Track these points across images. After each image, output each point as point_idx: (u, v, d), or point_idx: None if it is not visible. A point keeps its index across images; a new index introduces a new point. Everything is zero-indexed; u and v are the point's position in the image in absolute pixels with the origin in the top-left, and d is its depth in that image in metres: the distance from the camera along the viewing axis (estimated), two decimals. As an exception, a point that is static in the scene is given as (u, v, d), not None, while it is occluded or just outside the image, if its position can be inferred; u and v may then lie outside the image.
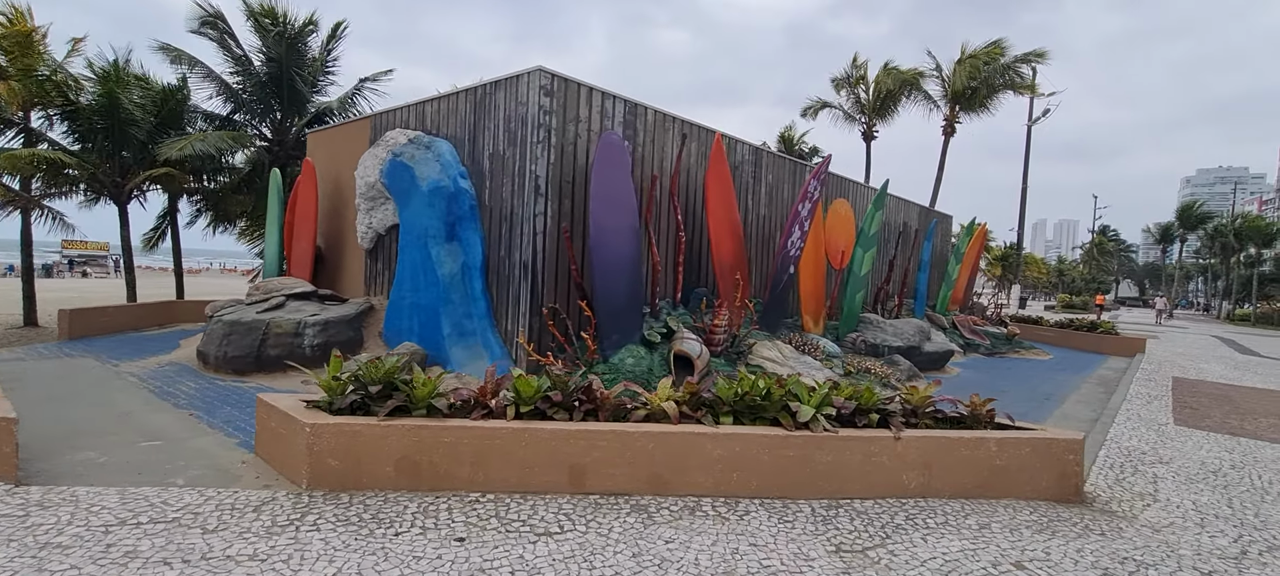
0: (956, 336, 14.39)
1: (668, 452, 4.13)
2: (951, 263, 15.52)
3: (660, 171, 8.47)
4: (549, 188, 7.15)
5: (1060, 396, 9.48)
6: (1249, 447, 6.60)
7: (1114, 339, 16.18)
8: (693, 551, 3.40)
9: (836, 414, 4.47)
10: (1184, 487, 5.06)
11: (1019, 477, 4.48)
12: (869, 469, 4.32)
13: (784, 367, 8.12)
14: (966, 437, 4.42)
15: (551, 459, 4.03)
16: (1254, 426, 7.68)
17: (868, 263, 10.92)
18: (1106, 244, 78.05)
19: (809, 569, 3.30)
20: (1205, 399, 9.52)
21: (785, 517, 3.93)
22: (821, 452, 4.26)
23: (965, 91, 22.83)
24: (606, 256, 7.00)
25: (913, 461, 4.36)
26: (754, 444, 4.20)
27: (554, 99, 7.13)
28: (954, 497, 4.41)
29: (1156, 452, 6.12)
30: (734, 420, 4.41)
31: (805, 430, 4.30)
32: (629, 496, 4.08)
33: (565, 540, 3.43)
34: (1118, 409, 8.27)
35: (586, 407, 4.30)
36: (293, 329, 7.50)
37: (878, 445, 4.32)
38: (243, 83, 14.68)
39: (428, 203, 7.64)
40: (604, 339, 7.06)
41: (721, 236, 8.74)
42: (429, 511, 3.65)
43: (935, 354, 11.11)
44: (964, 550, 3.61)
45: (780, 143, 31.62)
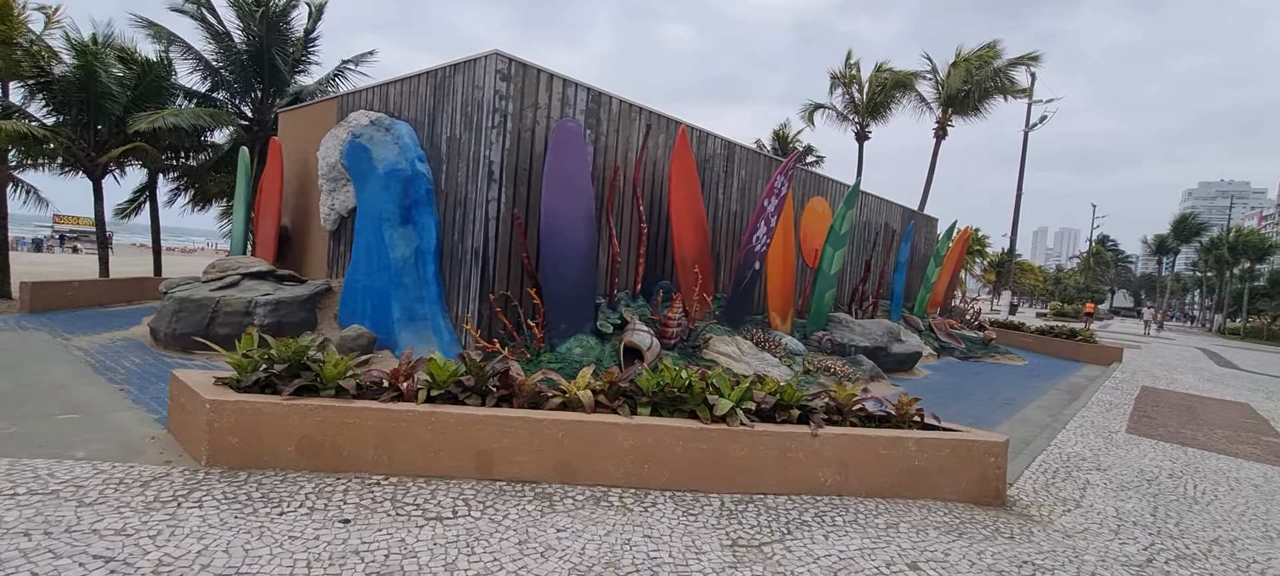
0: (932, 339, 14.35)
1: (578, 441, 4.09)
2: (931, 265, 15.46)
3: (625, 162, 8.41)
4: (504, 174, 7.09)
5: (1022, 401, 9.45)
6: (1194, 457, 6.57)
7: (1092, 347, 16.14)
8: (582, 541, 3.36)
9: (756, 409, 4.43)
10: (1112, 495, 5.02)
11: (938, 479, 4.44)
12: (785, 465, 4.28)
13: (740, 364, 8.08)
14: (885, 437, 4.38)
15: (459, 444, 3.99)
16: (1206, 437, 7.65)
17: (838, 261, 10.86)
18: (1104, 254, 78.01)
19: (697, 562, 3.26)
20: (1167, 408, 9.49)
21: (691, 511, 3.89)
22: (736, 447, 4.22)
23: (958, 94, 22.73)
24: (558, 245, 6.95)
25: (829, 459, 4.32)
26: (667, 435, 4.16)
27: (511, 84, 7.06)
28: (871, 496, 4.38)
29: (1097, 459, 6.09)
30: (653, 411, 4.37)
31: (722, 424, 4.25)
32: (536, 484, 4.04)
33: (455, 525, 3.39)
34: (1073, 415, 8.24)
35: (500, 394, 4.26)
36: (242, 308, 7.45)
37: (794, 441, 4.28)
38: (222, 60, 14.59)
39: (383, 185, 7.59)
40: (552, 328, 7.02)
41: (684, 229, 8.68)
42: (324, 492, 3.61)
43: (903, 355, 11.06)
44: (862, 549, 3.58)
45: (775, 140, 31.52)
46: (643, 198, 8.56)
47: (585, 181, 7.30)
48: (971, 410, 8.44)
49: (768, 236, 9.42)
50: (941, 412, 8.09)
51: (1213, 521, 4.66)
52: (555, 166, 6.97)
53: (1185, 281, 79.48)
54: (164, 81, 13.85)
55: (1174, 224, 52.34)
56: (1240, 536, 4.40)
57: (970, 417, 7.86)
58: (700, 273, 8.48)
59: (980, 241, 52.62)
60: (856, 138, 26.50)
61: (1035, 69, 26.69)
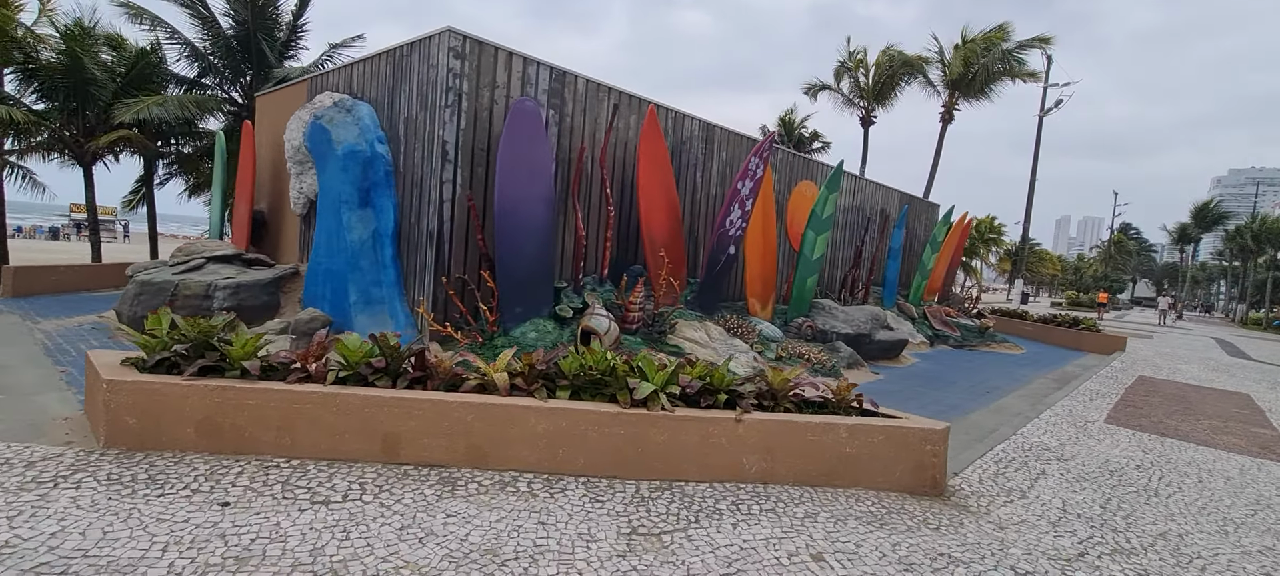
0: (925, 327, 14.04)
1: (489, 425, 3.96)
2: (928, 252, 15.10)
3: (593, 143, 8.24)
4: (459, 154, 6.96)
5: (1005, 389, 9.17)
6: (1171, 448, 6.29)
7: (1094, 336, 15.70)
8: (470, 527, 3.24)
9: (681, 393, 4.27)
10: (1066, 486, 4.80)
11: (871, 467, 4.26)
12: (707, 451, 4.12)
13: (706, 349, 7.91)
14: (814, 423, 4.19)
15: (364, 426, 3.88)
16: (1190, 427, 7.34)
17: (821, 247, 10.61)
18: (1126, 242, 76.27)
19: (584, 550, 3.12)
20: (1158, 398, 9.16)
21: (601, 497, 3.75)
22: (656, 432, 4.07)
23: (964, 77, 22.16)
24: (512, 227, 6.81)
25: (754, 445, 4.15)
26: (582, 420, 4.02)
27: (466, 62, 6.91)
28: (799, 485, 4.20)
29: (1062, 449, 5.85)
30: (573, 395, 4.23)
31: (641, 408, 4.10)
32: (445, 468, 3.92)
33: (340, 509, 3.28)
34: (1053, 404, 7.97)
35: (414, 376, 4.14)
36: (202, 291, 7.42)
37: (717, 426, 4.11)
38: (211, 46, 14.61)
39: (342, 167, 7.49)
40: (506, 311, 6.89)
41: (654, 212, 8.50)
42: (216, 474, 3.52)
43: (888, 343, 10.81)
44: (769, 539, 3.41)
45: (780, 126, 31.08)
46: (609, 179, 8.39)
47: (544, 162, 7.14)
48: (948, 398, 8.20)
49: (743, 220, 9.20)
50: (917, 400, 7.94)
51: (1167, 514, 4.42)
52: (510, 147, 6.81)
53: (1211, 271, 77.47)
54: (154, 68, 13.89)
55: (1194, 212, 50.89)
56: (1192, 530, 4.17)
57: (944, 405, 7.63)
58: (666, 256, 8.30)
59: (996, 230, 51.63)
60: (861, 122, 26.04)
61: (1050, 51, 26.01)
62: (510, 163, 6.80)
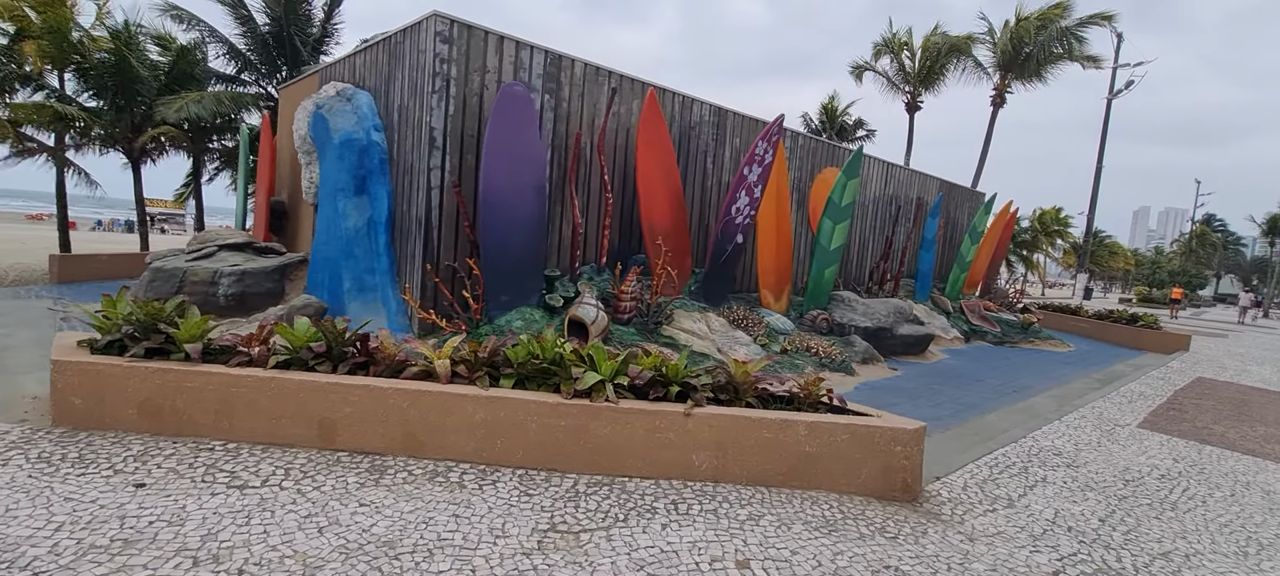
0: (961, 321, 13.29)
1: (425, 413, 3.85)
2: (966, 243, 14.27)
3: (591, 128, 8.06)
4: (448, 141, 6.90)
5: (1037, 389, 8.53)
6: (1208, 457, 5.66)
7: (1153, 334, 14.54)
8: (379, 517, 3.12)
9: (629, 384, 4.05)
10: (1066, 495, 4.34)
11: (834, 468, 3.93)
12: (653, 446, 3.89)
13: (703, 342, 7.63)
14: (769, 419, 3.90)
15: (300, 411, 3.83)
16: (1239, 435, 6.62)
17: (840, 236, 10.12)
18: (1210, 235, 70.87)
19: (490, 546, 2.96)
20: (1211, 402, 8.33)
21: (532, 491, 3.58)
22: (598, 424, 3.87)
23: (1016, 58, 20.87)
24: (498, 214, 6.70)
25: (705, 441, 3.90)
26: (521, 410, 3.85)
27: (454, 47, 6.83)
28: (754, 484, 3.93)
29: (1076, 455, 5.33)
30: (518, 384, 4.07)
31: (584, 399, 3.90)
32: (378, 455, 3.83)
33: (253, 494, 3.22)
34: (1084, 406, 7.34)
35: (357, 361, 4.06)
36: (208, 277, 7.64)
37: (664, 420, 3.88)
38: (248, 42, 15.13)
39: (339, 155, 7.56)
40: (492, 299, 6.80)
41: (654, 200, 8.26)
42: (147, 455, 3.53)
43: (912, 338, 10.24)
44: (696, 542, 3.17)
45: (823, 114, 30.15)
46: (608, 166, 8.19)
47: (533, 148, 7.00)
48: (968, 396, 7.67)
49: (751, 208, 8.85)
50: (932, 398, 7.45)
51: (1179, 531, 3.93)
52: (497, 133, 6.70)
53: (1308, 265, 71.24)
54: (195, 66, 14.49)
55: (1289, 200, 46.70)
56: (1204, 550, 3.68)
57: (961, 404, 7.15)
58: (664, 245, 8.04)
59: (1062, 221, 48.86)
60: (907, 108, 24.94)
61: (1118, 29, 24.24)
62: (497, 149, 6.69)
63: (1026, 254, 49.29)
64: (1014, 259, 48.61)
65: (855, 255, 12.96)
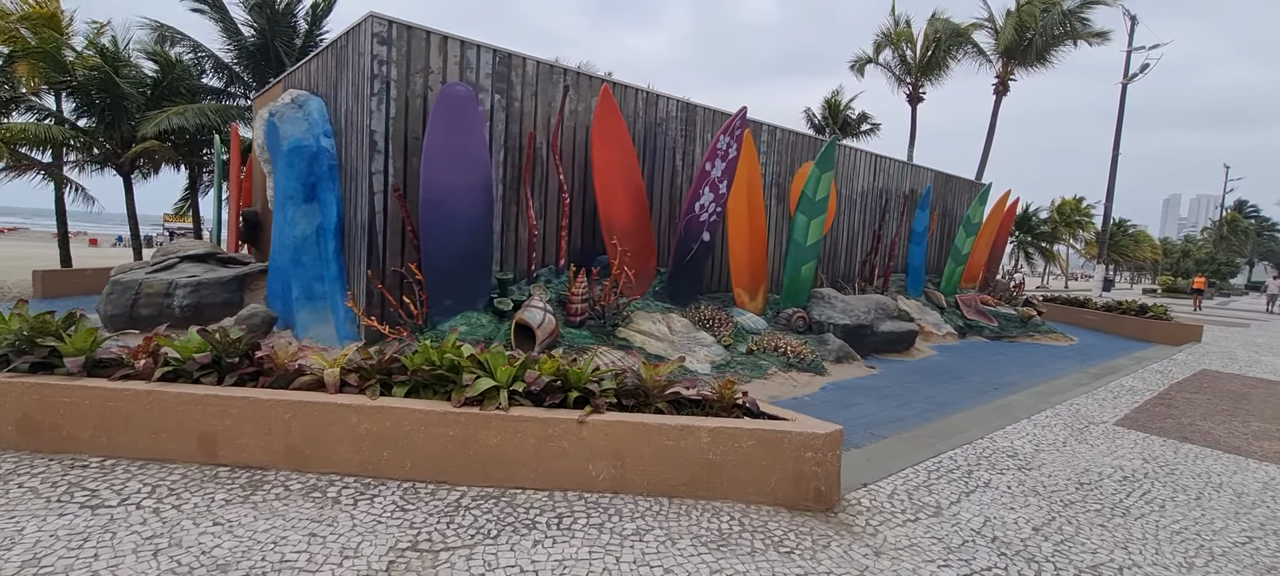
0: (955, 317, 12.86)
1: (309, 424, 3.68)
2: (961, 235, 13.81)
3: (547, 128, 7.88)
4: (390, 144, 6.76)
5: (1021, 386, 8.15)
6: (1185, 456, 5.28)
7: (1163, 325, 13.95)
8: (228, 538, 2.95)
9: (525, 390, 3.84)
10: (1004, 501, 4.03)
11: (740, 476, 3.68)
12: (547, 455, 3.67)
13: (661, 343, 7.39)
14: (669, 425, 3.66)
15: (180, 425, 3.68)
16: (1226, 430, 6.20)
17: (815, 232, 9.81)
18: (1241, 221, 68.53)
19: (335, 568, 2.77)
20: (1205, 396, 7.87)
21: (410, 505, 3.39)
22: (488, 433, 3.66)
23: (1018, 43, 20.26)
24: (439, 217, 6.55)
25: (602, 450, 3.67)
26: (408, 420, 3.67)
27: (393, 48, 6.70)
28: (656, 495, 3.69)
29: (1034, 457, 4.99)
30: (412, 392, 3.89)
31: (474, 407, 3.71)
32: (260, 470, 3.67)
33: (104, 514, 3.08)
34: (1063, 402, 6.96)
35: (244, 371, 3.91)
36: (163, 289, 7.60)
37: (558, 428, 3.66)
38: (235, 56, 15.25)
39: (288, 162, 7.47)
40: (434, 305, 6.64)
41: (613, 199, 8.05)
42: (16, 475, 3.41)
43: (895, 334, 9.88)
44: (564, 560, 2.94)
45: (825, 109, 29.70)
46: (566, 165, 8.01)
47: (477, 149, 6.84)
48: (943, 394, 7.33)
49: (717, 204, 8.60)
50: (903, 397, 7.13)
51: (1123, 540, 3.61)
52: (437, 134, 6.54)
53: (1347, 250, 68.44)
54: (181, 81, 14.64)
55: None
56: (1144, 562, 3.36)
57: (934, 403, 6.84)
58: (622, 245, 7.82)
59: (1083, 212, 47.59)
60: (909, 100, 24.41)
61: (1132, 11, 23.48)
62: (437, 150, 6.53)
63: (1046, 246, 48.13)
64: (1032, 251, 47.52)
65: (843, 251, 12.61)
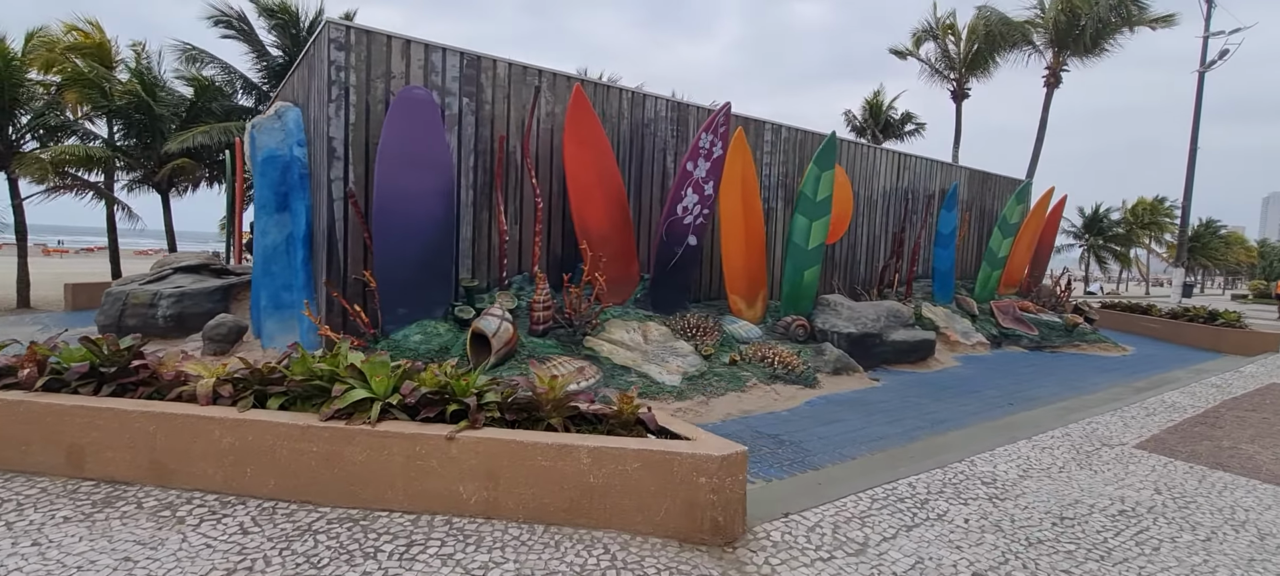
0: (989, 325, 11.85)
1: (173, 438, 3.48)
2: (996, 237, 12.76)
3: (520, 131, 7.64)
4: (350, 151, 6.66)
5: (1045, 401, 7.33)
6: (1212, 485, 4.48)
7: (1236, 333, 12.49)
8: (36, 561, 2.75)
9: (401, 403, 3.53)
10: (950, 539, 3.43)
11: (624, 503, 3.24)
12: (416, 474, 3.34)
13: (633, 353, 6.98)
14: (546, 444, 3.26)
15: (48, 437, 3.55)
16: (1273, 455, 5.27)
17: (817, 234, 9.16)
18: (1353, 219, 61.97)
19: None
20: (1270, 415, 6.83)
21: (257, 528, 3.12)
22: (354, 449, 3.37)
23: (1070, 30, 18.82)
24: (394, 223, 6.38)
25: (473, 470, 3.31)
26: (271, 434, 3.42)
27: (351, 54, 6.61)
28: (530, 521, 3.30)
29: (1014, 484, 4.32)
30: (289, 405, 3.65)
31: (341, 421, 3.42)
32: (124, 484, 3.49)
33: (-70, 531, 2.94)
34: (1077, 422, 6.14)
35: (124, 381, 3.76)
36: (148, 300, 7.75)
37: (426, 445, 3.33)
38: (263, 75, 15.82)
39: (262, 172, 7.50)
40: (388, 313, 6.45)
41: (588, 202, 7.71)
42: (-125, 485, 3.34)
43: (907, 344, 9.11)
44: (378, 597, 2.60)
45: (866, 110, 28.59)
46: (542, 169, 7.74)
47: (437, 154, 6.65)
48: (946, 411, 6.63)
49: (703, 206, 8.14)
50: (896, 414, 6.46)
51: (1084, 591, 2.97)
52: (393, 138, 6.39)
53: None
54: (212, 100, 15.27)
55: None
56: (1100, 621, 2.73)
57: (932, 420, 6.23)
58: (599, 251, 7.46)
59: (1165, 213, 44.13)
60: (953, 97, 23.12)
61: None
62: (393, 155, 6.38)
63: (1121, 250, 44.81)
64: (1105, 255, 44.32)
65: (863, 256, 11.85)
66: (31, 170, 13.32)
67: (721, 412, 6.15)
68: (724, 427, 5.67)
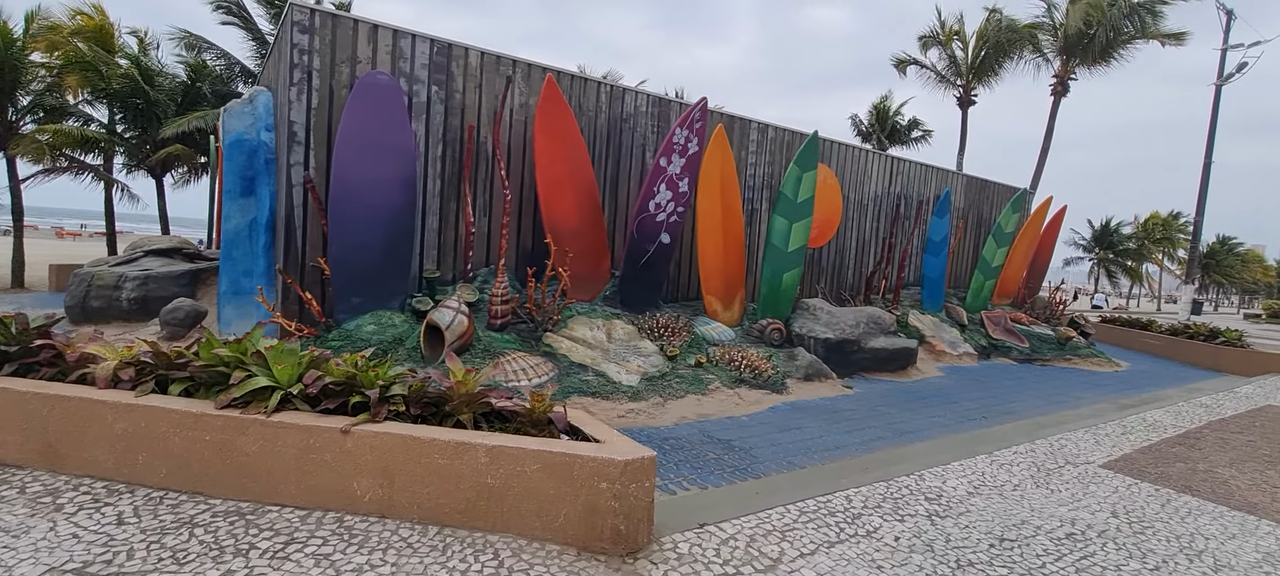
0: (979, 335, 11.57)
1: (65, 422, 3.35)
2: (990, 245, 12.46)
3: (492, 122, 7.50)
4: (311, 136, 6.54)
5: (1022, 415, 7.08)
6: (1176, 510, 4.24)
7: (1236, 353, 12.12)
8: (-113, 543, 2.63)
9: (302, 393, 3.38)
10: (869, 558, 3.23)
11: (523, 506, 3.07)
12: (308, 469, 3.19)
13: (595, 352, 6.81)
14: (443, 442, 3.10)
15: (-58, 417, 3.44)
16: (1249, 481, 5.02)
17: (798, 236, 8.94)
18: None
19: (-41, 589, 2.38)
20: (1257, 437, 6.54)
21: (135, 519, 2.98)
22: (247, 441, 3.22)
23: (1081, 38, 18.42)
24: (350, 211, 6.25)
25: (368, 466, 3.16)
26: (164, 421, 3.28)
27: (316, 37, 6.49)
28: (427, 521, 3.14)
29: (960, 502, 4.10)
30: (194, 390, 3.51)
31: (235, 410, 3.28)
32: (14, 468, 3.37)
33: None
34: (1051, 437, 5.89)
35: (27, 361, 3.64)
36: (113, 282, 7.68)
37: (320, 438, 3.18)
38: (261, 62, 15.79)
39: (229, 157, 7.40)
40: (341, 301, 6.33)
41: (557, 196, 7.55)
42: None
43: (887, 352, 8.87)
44: (231, 598, 2.45)
45: (872, 115, 28.25)
46: (513, 162, 7.59)
47: (399, 141, 6.51)
48: (917, 422, 6.40)
49: (677, 204, 7.96)
50: (859, 423, 6.24)
51: (1002, 620, 2.76)
52: (353, 125, 6.26)
53: None
54: (208, 85, 15.28)
55: None
56: (1011, 654, 2.52)
57: (899, 430, 6.01)
58: (567, 245, 7.29)
59: (1179, 227, 43.31)
60: (959, 103, 22.75)
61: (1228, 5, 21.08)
62: (352, 141, 6.25)
63: (1132, 265, 44.07)
64: (1115, 270, 43.59)
65: (851, 261, 11.61)
66: (29, 151, 13.38)
67: (676, 415, 5.96)
68: (675, 431, 5.50)
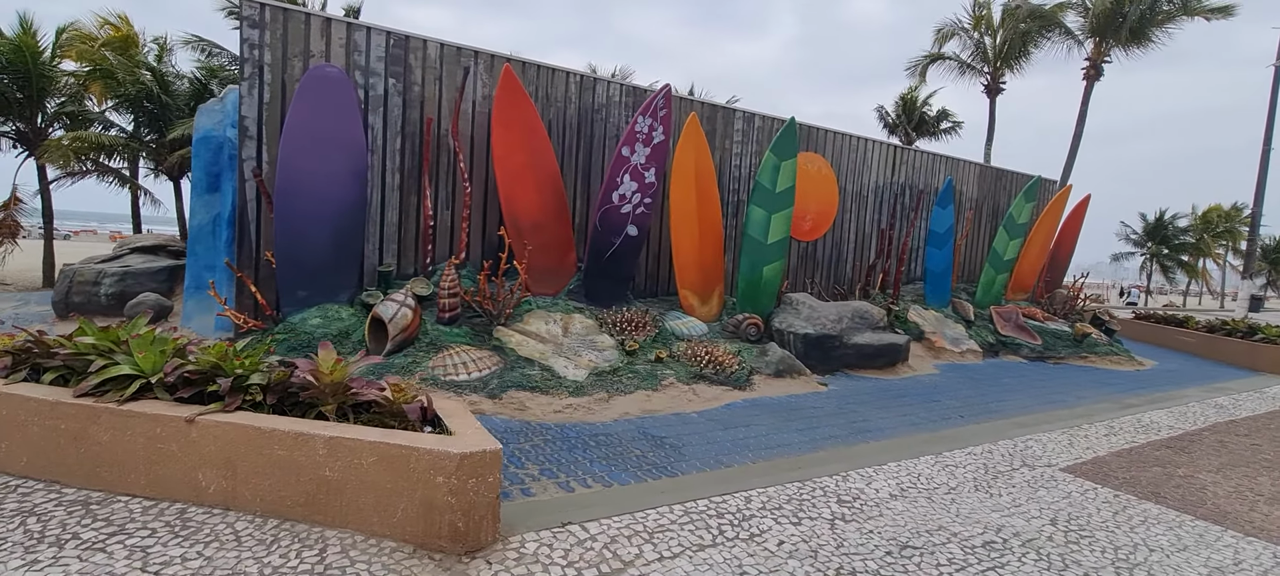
0: (986, 331, 10.96)
1: (-65, 409, 3.36)
2: (1001, 237, 11.79)
3: (455, 113, 7.42)
4: (263, 130, 6.56)
5: (1008, 415, 6.63)
6: (1130, 518, 3.83)
7: (1273, 351, 11.20)
8: None
9: (162, 381, 3.31)
10: (743, 564, 2.97)
11: (361, 500, 2.92)
12: (156, 459, 3.11)
13: (547, 346, 6.64)
14: (282, 432, 2.97)
15: None
16: (1233, 488, 4.52)
17: (778, 228, 8.58)
18: None
19: None
20: (1263, 442, 5.94)
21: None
22: (99, 429, 3.16)
23: (1113, 18, 17.36)
24: (297, 204, 6.23)
25: (212, 457, 3.05)
26: (24, 409, 3.25)
27: (266, 32, 6.51)
28: (269, 514, 3.01)
29: (877, 505, 3.78)
30: (65, 379, 3.48)
31: (90, 398, 3.22)
32: (-112, 456, 3.39)
33: None
34: (1022, 437, 5.46)
35: (-84, 350, 3.68)
36: (92, 277, 7.89)
37: (167, 428, 3.09)
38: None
39: (196, 153, 7.53)
40: (287, 295, 6.32)
41: (517, 188, 7.41)
42: None
43: (872, 348, 8.45)
44: (14, 589, 2.36)
45: (899, 106, 27.35)
46: (464, 153, 7.49)
47: (349, 134, 6.47)
48: (885, 421, 6.04)
49: (644, 194, 7.73)
50: (817, 422, 5.93)
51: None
52: (300, 118, 6.25)
53: None
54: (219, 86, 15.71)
55: None
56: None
57: (867, 428, 5.70)
58: (529, 239, 7.15)
59: (1244, 221, 40.66)
60: (986, 91, 21.80)
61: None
62: (299, 134, 6.23)
63: (1188, 260, 41.60)
64: (1170, 265, 41.22)
65: (850, 254, 11.16)
66: (55, 156, 14.01)
67: (618, 411, 5.74)
68: (610, 427, 5.29)
